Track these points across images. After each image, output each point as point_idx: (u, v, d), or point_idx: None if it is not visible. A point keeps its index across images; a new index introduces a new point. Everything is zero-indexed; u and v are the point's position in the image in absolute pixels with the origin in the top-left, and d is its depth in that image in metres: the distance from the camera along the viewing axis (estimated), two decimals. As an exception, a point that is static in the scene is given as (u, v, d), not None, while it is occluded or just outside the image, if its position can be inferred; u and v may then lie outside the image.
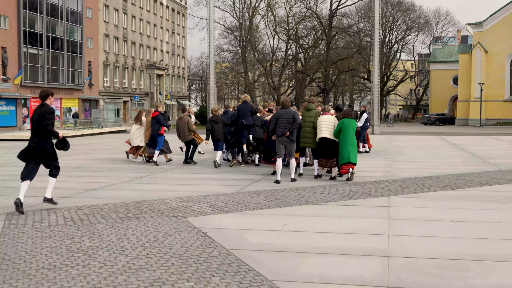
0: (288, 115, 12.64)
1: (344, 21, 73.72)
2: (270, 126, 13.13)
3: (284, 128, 12.58)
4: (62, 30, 54.35)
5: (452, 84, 77.07)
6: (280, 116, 12.78)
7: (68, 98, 56.44)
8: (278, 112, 13.09)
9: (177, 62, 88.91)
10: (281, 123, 12.64)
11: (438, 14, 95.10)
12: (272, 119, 13.16)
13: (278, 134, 12.71)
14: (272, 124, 12.97)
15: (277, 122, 12.74)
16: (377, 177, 13.38)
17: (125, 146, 25.29)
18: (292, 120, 12.57)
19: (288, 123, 12.57)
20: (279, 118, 12.76)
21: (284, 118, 12.66)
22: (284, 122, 12.59)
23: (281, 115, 12.79)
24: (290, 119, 12.57)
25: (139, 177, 13.58)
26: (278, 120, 12.75)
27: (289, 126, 12.57)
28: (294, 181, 12.60)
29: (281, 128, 12.58)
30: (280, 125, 12.63)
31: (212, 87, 41.08)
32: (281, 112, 12.93)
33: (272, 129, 12.96)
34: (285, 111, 12.85)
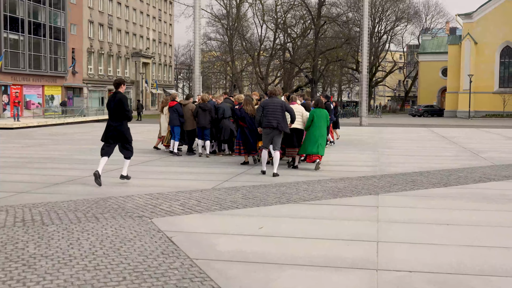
0: (276, 105, 11.88)
1: (333, 11, 72.84)
2: (256, 116, 12.30)
3: (272, 118, 11.80)
4: (44, 16, 52.93)
5: (441, 75, 76.57)
6: (266, 106, 11.98)
7: (51, 86, 55.15)
8: (265, 101, 12.29)
9: (164, 51, 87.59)
10: (268, 113, 11.84)
11: (428, 5, 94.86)
12: (258, 108, 12.31)
13: (265, 125, 11.92)
14: (258, 114, 12.12)
15: (264, 112, 11.95)
16: (365, 172, 12.56)
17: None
18: (281, 110, 11.83)
19: (275, 113, 11.79)
20: (265, 108, 11.96)
21: (271, 108, 11.86)
22: (271, 112, 11.82)
23: (267, 104, 12.00)
24: (277, 109, 11.81)
25: (112, 170, 12.66)
26: (264, 110, 11.96)
27: (277, 116, 11.78)
28: (277, 176, 11.80)
29: (267, 119, 11.81)
30: (267, 115, 11.85)
31: (197, 76, 40.11)
32: (267, 101, 12.14)
33: (258, 119, 12.14)
34: (272, 100, 12.06)
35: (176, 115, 15.92)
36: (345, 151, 18.20)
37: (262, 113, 12.03)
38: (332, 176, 11.84)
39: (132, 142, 10.99)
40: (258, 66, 66.91)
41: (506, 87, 62.09)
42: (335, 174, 12.30)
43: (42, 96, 53.95)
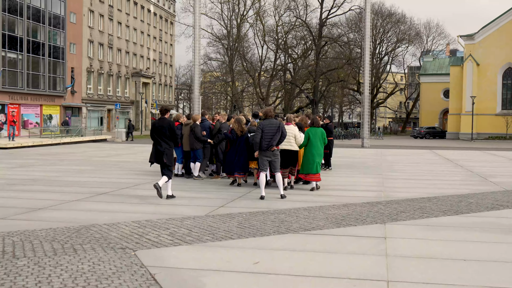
0: (273, 126, 11.62)
1: (334, 31, 72.62)
2: (255, 139, 11.74)
3: (270, 140, 11.54)
4: (43, 35, 52.54)
5: (443, 97, 76.05)
6: (264, 127, 11.57)
7: (49, 105, 54.57)
8: (262, 123, 11.77)
9: (164, 71, 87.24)
10: (266, 135, 11.54)
11: (429, 26, 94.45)
12: (257, 131, 11.74)
13: (264, 147, 11.54)
14: (257, 136, 11.61)
15: (262, 134, 11.58)
16: (369, 198, 11.81)
17: (99, 156, 23.65)
18: (278, 132, 11.60)
19: (273, 135, 11.55)
20: (264, 130, 11.57)
21: (268, 130, 11.57)
22: (269, 134, 11.54)
23: (265, 125, 11.58)
24: (275, 131, 11.56)
25: (99, 194, 11.92)
26: (263, 132, 11.56)
27: (275, 138, 11.57)
28: (285, 197, 11.53)
29: (267, 141, 11.53)
30: (265, 138, 11.55)
31: (196, 96, 39.49)
32: (265, 123, 11.67)
33: (258, 142, 11.61)
34: (269, 121, 11.72)
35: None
36: (347, 174, 17.47)
37: (261, 135, 11.58)
38: (334, 202, 11.10)
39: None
40: (259, 86, 66.44)
41: (509, 108, 61.48)
42: (337, 199, 11.56)
43: (40, 115, 53.34)
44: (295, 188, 13.50)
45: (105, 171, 17.24)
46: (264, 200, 11.27)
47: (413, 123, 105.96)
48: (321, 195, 12.34)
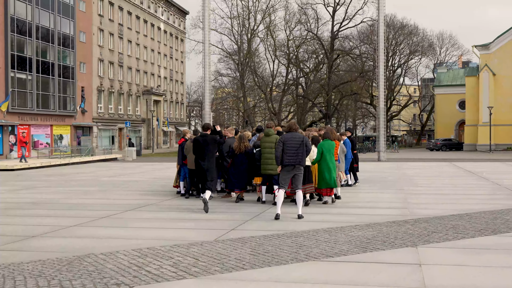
0: (297, 140, 10.86)
1: (346, 44, 71.82)
2: (276, 153, 10.89)
3: (293, 156, 10.76)
4: (53, 54, 52.16)
5: (458, 108, 74.73)
6: (287, 141, 10.83)
7: (60, 125, 54.06)
8: (285, 136, 11.08)
9: (175, 88, 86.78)
10: (289, 150, 10.76)
11: (442, 38, 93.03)
12: (278, 144, 10.93)
13: (285, 162, 10.75)
14: (279, 150, 10.81)
15: (284, 148, 10.78)
16: (395, 216, 10.82)
17: (107, 176, 22.80)
18: (301, 146, 10.86)
19: (296, 150, 10.79)
20: (286, 143, 10.79)
21: (291, 144, 10.80)
22: (293, 149, 10.78)
23: (288, 139, 10.87)
24: (298, 145, 10.81)
25: (100, 218, 11.03)
26: (285, 146, 10.78)
27: (299, 153, 10.81)
28: (302, 218, 10.59)
29: (289, 156, 10.74)
30: (287, 152, 10.76)
31: (207, 111, 38.70)
32: (287, 136, 11.00)
33: (279, 156, 10.77)
34: (292, 135, 10.98)
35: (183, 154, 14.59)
36: (367, 190, 16.47)
37: (282, 149, 10.79)
38: (357, 222, 10.12)
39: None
40: (271, 101, 65.63)
41: (526, 119, 60.12)
42: (359, 218, 10.58)
43: (51, 135, 52.80)
44: (311, 205, 12.55)
45: (111, 192, 16.38)
46: (279, 220, 10.33)
47: (428, 136, 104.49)
48: (340, 213, 11.37)
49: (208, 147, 12.00)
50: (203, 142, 12.00)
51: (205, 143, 11.99)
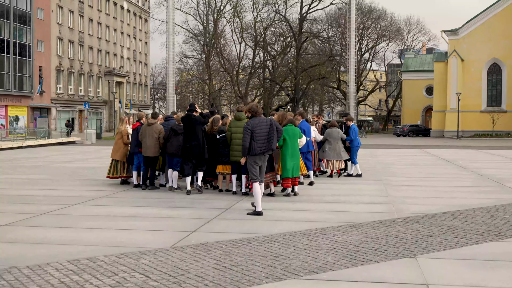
0: (264, 125, 9.77)
1: (314, 28, 70.48)
2: (244, 143, 9.59)
3: (264, 142, 9.66)
4: (8, 31, 49.49)
5: (425, 94, 74.34)
6: (255, 127, 9.63)
7: (15, 106, 51.54)
8: (251, 122, 9.76)
9: (139, 70, 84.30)
10: (259, 137, 9.62)
11: (409, 23, 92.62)
12: (245, 132, 9.63)
13: (257, 151, 9.57)
14: (247, 139, 9.58)
15: (252, 136, 9.57)
16: (380, 214, 9.53)
17: (61, 162, 20.96)
18: (272, 130, 9.79)
19: (266, 135, 9.69)
20: (254, 131, 9.58)
21: (260, 130, 9.66)
22: (263, 135, 9.66)
23: (256, 125, 9.67)
24: (267, 130, 9.72)
25: (42, 214, 9.45)
26: (253, 134, 9.58)
27: (271, 138, 9.76)
28: (260, 215, 9.29)
29: (259, 144, 9.61)
30: (257, 140, 9.60)
31: (171, 94, 37.10)
32: (254, 122, 9.73)
33: (247, 146, 9.57)
34: (258, 120, 9.80)
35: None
36: (342, 180, 15.18)
37: (251, 137, 9.59)
38: (338, 222, 8.78)
39: None
40: (237, 84, 64.00)
41: (494, 105, 59.93)
42: (339, 217, 9.26)
43: (5, 117, 50.29)
44: (278, 199, 11.19)
45: (61, 181, 14.71)
46: (248, 219, 8.94)
47: (394, 121, 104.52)
48: (318, 210, 10.03)
49: (199, 127, 11.81)
50: (194, 122, 11.75)
51: (196, 123, 11.76)
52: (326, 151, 15.13)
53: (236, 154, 11.44)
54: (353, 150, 15.69)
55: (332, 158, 15.15)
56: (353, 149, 15.67)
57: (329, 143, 15.16)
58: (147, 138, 12.47)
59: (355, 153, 15.73)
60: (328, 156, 15.17)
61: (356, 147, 15.68)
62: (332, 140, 15.13)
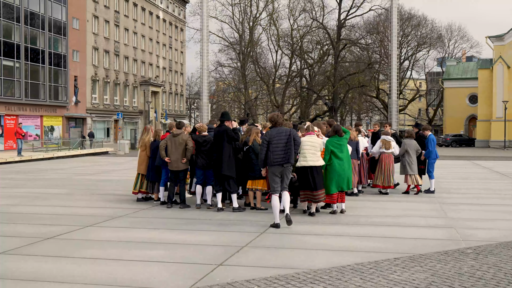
0: (283, 136, 9.25)
1: (352, 35, 68.66)
2: (260, 155, 9.27)
3: (282, 154, 9.16)
4: (43, 41, 49.19)
5: (468, 102, 71.64)
6: (272, 139, 9.19)
7: (51, 116, 51.15)
8: (269, 133, 9.34)
9: (175, 79, 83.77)
10: (276, 148, 9.15)
11: (450, 30, 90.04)
12: (262, 144, 9.31)
13: (273, 162, 9.13)
14: (263, 151, 9.21)
15: (269, 147, 9.18)
16: (441, 241, 7.95)
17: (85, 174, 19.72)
18: (290, 141, 9.24)
19: (284, 147, 9.19)
20: (271, 142, 9.17)
21: (278, 141, 9.19)
22: (279, 146, 9.18)
23: (273, 136, 9.21)
24: (285, 141, 9.20)
25: (43, 239, 8.14)
26: (270, 144, 9.17)
27: (289, 150, 9.20)
28: (290, 222, 8.93)
29: (276, 154, 9.13)
30: (274, 150, 9.15)
31: (205, 103, 35.91)
32: (272, 133, 9.29)
33: (263, 157, 9.22)
34: (277, 130, 9.31)
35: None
36: (391, 197, 13.54)
37: (267, 148, 9.20)
38: (394, 252, 7.23)
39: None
40: (273, 93, 62.60)
41: (543, 114, 57.05)
42: (395, 245, 7.71)
43: (41, 127, 49.93)
44: (320, 216, 9.69)
45: (77, 196, 13.47)
46: (285, 247, 7.47)
47: (435, 131, 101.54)
48: (367, 235, 8.48)
49: (226, 143, 10.54)
50: (221, 137, 10.54)
51: (224, 139, 10.50)
52: (408, 165, 13.53)
53: None
54: (431, 163, 14.12)
55: (414, 173, 13.58)
56: (431, 161, 14.09)
57: (409, 156, 13.58)
58: (172, 150, 11.12)
59: (432, 166, 14.15)
60: (411, 171, 13.56)
61: (433, 160, 14.10)
62: (411, 152, 13.58)
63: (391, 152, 13.40)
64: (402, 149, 13.59)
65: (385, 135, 13.65)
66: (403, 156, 13.60)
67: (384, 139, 13.52)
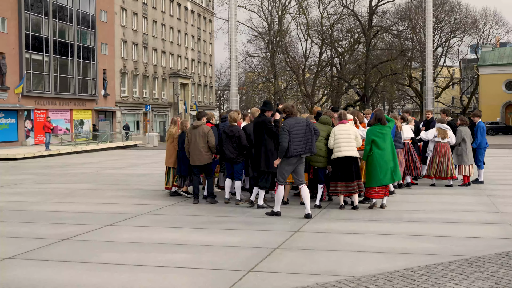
0: (302, 125, 8.95)
1: (383, 22, 67.12)
2: (282, 144, 8.78)
3: (300, 143, 8.85)
4: (72, 35, 49.00)
5: (505, 89, 69.52)
6: (292, 128, 8.84)
7: (80, 110, 51.05)
8: (288, 122, 8.97)
9: (204, 71, 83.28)
10: (295, 138, 8.81)
11: (485, 15, 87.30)
12: (283, 133, 8.87)
13: (293, 153, 8.78)
14: (285, 140, 8.76)
15: (290, 137, 8.79)
16: (497, 240, 7.10)
17: (114, 168, 19.15)
18: (310, 131, 8.95)
19: (303, 137, 8.86)
20: (291, 132, 8.80)
21: (297, 130, 8.86)
22: (299, 136, 8.85)
23: (292, 126, 8.86)
24: (304, 131, 8.89)
25: (58, 240, 7.51)
26: (290, 135, 8.79)
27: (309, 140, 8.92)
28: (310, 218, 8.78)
29: (296, 145, 8.79)
30: (293, 141, 8.79)
31: (234, 93, 35.24)
32: (291, 122, 8.94)
33: (285, 147, 8.75)
34: (295, 120, 9.02)
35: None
36: (432, 189, 12.61)
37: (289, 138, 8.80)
38: (447, 253, 6.40)
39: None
40: (303, 83, 61.56)
41: None
42: (447, 246, 6.87)
43: (71, 121, 49.86)
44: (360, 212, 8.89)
45: (102, 192, 12.88)
46: (318, 249, 6.69)
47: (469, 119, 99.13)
48: (413, 234, 7.63)
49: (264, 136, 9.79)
50: (260, 129, 9.80)
51: (261, 131, 9.78)
52: (465, 154, 12.61)
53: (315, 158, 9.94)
54: (481, 152, 13.30)
55: (471, 163, 12.70)
56: (481, 150, 13.25)
57: (465, 144, 12.67)
58: (193, 143, 10.42)
59: (482, 155, 13.32)
60: (468, 161, 12.66)
61: (483, 149, 13.24)
62: (468, 140, 12.67)
63: (447, 141, 12.42)
64: (459, 137, 12.60)
65: (441, 123, 12.63)
66: (459, 145, 12.62)
67: (440, 128, 12.51)
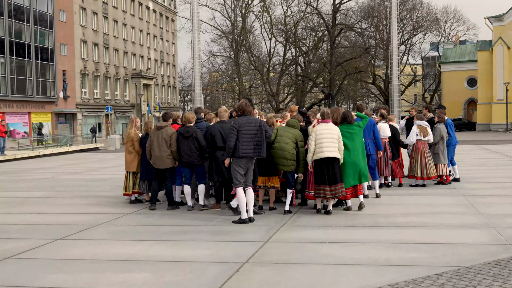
0: (253, 126, 8.55)
1: (347, 21, 67.06)
2: (229, 143, 8.47)
3: (249, 144, 8.43)
4: (29, 35, 47.47)
5: (467, 86, 70.24)
6: (241, 127, 8.48)
7: (39, 112, 49.48)
8: (238, 121, 8.62)
9: (167, 71, 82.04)
10: (244, 139, 8.43)
11: (446, 12, 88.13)
12: (231, 132, 8.54)
13: (241, 154, 8.39)
14: (232, 139, 8.44)
15: (238, 136, 8.45)
16: (484, 246, 6.56)
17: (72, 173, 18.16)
18: (260, 133, 8.52)
19: (252, 138, 8.47)
20: (240, 131, 8.46)
21: (247, 130, 8.49)
22: (249, 136, 8.47)
23: (242, 125, 8.52)
24: (254, 132, 8.49)
25: (10, 256, 6.68)
26: (239, 134, 8.44)
27: (257, 141, 8.49)
28: (253, 220, 8.48)
29: (245, 146, 8.41)
30: (242, 142, 8.42)
31: (197, 93, 34.43)
32: (241, 121, 8.59)
33: (231, 147, 8.43)
34: (247, 119, 8.63)
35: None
36: (409, 189, 12.11)
37: (237, 138, 8.45)
38: (434, 264, 5.81)
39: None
40: (268, 82, 61.04)
41: (545, 95, 55.77)
42: (433, 254, 6.29)
43: (29, 124, 48.29)
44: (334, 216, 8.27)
45: (58, 200, 12.01)
46: (299, 263, 6.04)
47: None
48: (395, 241, 7.04)
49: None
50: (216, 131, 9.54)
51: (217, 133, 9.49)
52: (442, 153, 12.18)
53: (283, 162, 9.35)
54: (452, 149, 12.96)
55: (446, 162, 12.28)
56: (452, 147, 12.90)
57: (443, 143, 12.25)
58: (155, 145, 9.67)
59: (453, 152, 12.97)
60: (444, 160, 12.23)
61: (453, 146, 12.90)
62: (445, 138, 12.21)
63: (427, 139, 11.91)
64: (438, 135, 12.12)
65: (419, 119, 12.10)
66: (436, 143, 12.15)
67: (420, 125, 11.97)
